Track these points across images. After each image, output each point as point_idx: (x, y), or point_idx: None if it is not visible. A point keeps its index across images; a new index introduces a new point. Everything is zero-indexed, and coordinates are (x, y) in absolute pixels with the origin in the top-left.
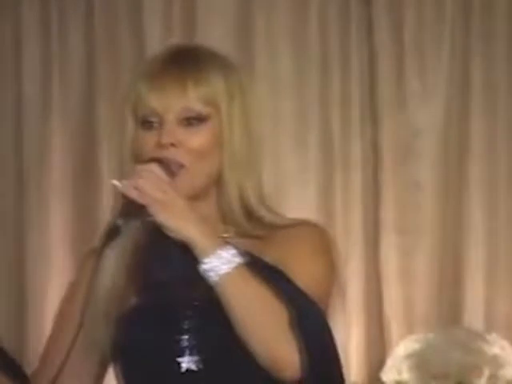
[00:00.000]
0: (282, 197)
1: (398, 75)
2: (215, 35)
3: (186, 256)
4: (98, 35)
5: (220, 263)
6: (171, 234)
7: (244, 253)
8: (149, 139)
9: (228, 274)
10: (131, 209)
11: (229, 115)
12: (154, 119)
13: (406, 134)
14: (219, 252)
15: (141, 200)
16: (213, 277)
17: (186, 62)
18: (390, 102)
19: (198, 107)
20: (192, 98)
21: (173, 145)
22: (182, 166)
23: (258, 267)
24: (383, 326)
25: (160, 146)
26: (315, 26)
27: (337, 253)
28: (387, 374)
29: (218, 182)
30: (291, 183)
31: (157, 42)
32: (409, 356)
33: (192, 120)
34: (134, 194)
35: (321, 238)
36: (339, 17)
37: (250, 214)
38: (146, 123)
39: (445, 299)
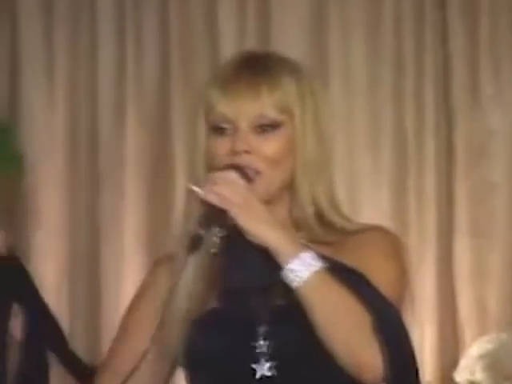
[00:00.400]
0: (355, 198)
1: (473, 77)
2: (289, 34)
3: (266, 261)
4: (172, 36)
5: (302, 267)
6: (251, 239)
7: (323, 256)
8: (222, 146)
9: (310, 278)
10: (211, 215)
11: (302, 121)
12: (226, 125)
13: (481, 135)
14: (301, 256)
15: (221, 205)
16: (295, 281)
17: (258, 67)
18: (464, 103)
19: (273, 114)
20: (266, 105)
21: (247, 152)
22: (257, 172)
23: (338, 270)
24: (456, 326)
25: (234, 152)
26: (389, 27)
27: (408, 258)
28: (460, 374)
29: (290, 187)
30: (364, 184)
31: (231, 42)
32: (482, 356)
33: (266, 127)
34: (214, 199)
35: (392, 244)
36: (414, 18)
37: (321, 219)
38: (218, 129)
39: None
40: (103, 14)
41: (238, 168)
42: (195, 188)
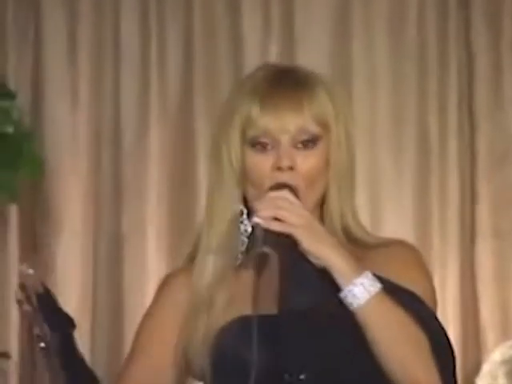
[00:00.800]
0: (377, 201)
1: (496, 79)
2: (313, 40)
3: (323, 282)
4: (196, 48)
5: (362, 289)
6: (314, 260)
7: (376, 275)
8: (263, 161)
9: (370, 300)
10: (275, 236)
11: (337, 135)
12: (267, 140)
13: (503, 138)
14: (361, 278)
15: (286, 231)
16: (355, 303)
17: (294, 81)
18: (487, 106)
19: (313, 128)
20: (307, 118)
21: (291, 168)
22: (298, 189)
23: (392, 290)
24: (479, 330)
25: (278, 169)
26: (413, 29)
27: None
28: (482, 380)
29: (321, 202)
30: (387, 187)
31: (255, 52)
32: (504, 362)
33: (306, 142)
34: (278, 227)
35: (419, 257)
36: (437, 20)
37: (349, 234)
38: (257, 144)
39: None
40: (127, 27)
41: (286, 186)
42: (258, 220)
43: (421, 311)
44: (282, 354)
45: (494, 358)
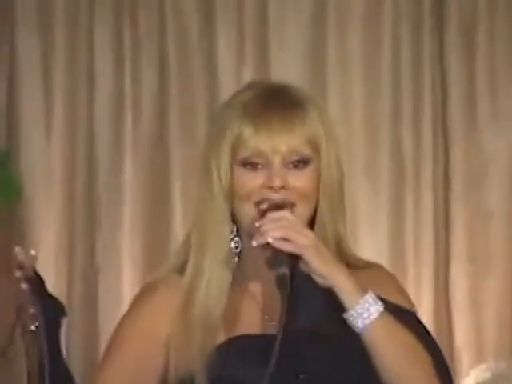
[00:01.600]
0: (352, 223)
1: (470, 100)
2: (287, 61)
3: (327, 303)
4: (170, 71)
5: (368, 310)
6: (320, 280)
7: (378, 296)
8: (253, 179)
9: (376, 320)
10: (286, 257)
11: (327, 158)
12: (259, 160)
13: (478, 159)
14: (365, 298)
15: (296, 251)
16: (361, 323)
17: (286, 101)
18: (461, 126)
19: (304, 149)
20: (299, 140)
21: (283, 187)
22: (292, 207)
23: (392, 310)
24: (453, 353)
25: (268, 187)
26: (387, 51)
27: None
28: None
29: (311, 222)
30: (362, 207)
31: (229, 72)
32: None
33: (298, 163)
34: (290, 247)
35: (399, 282)
36: (411, 40)
37: (341, 255)
38: (248, 164)
39: None
40: (101, 55)
41: (282, 206)
42: (270, 240)
43: (421, 330)
44: (279, 375)
45: (468, 381)
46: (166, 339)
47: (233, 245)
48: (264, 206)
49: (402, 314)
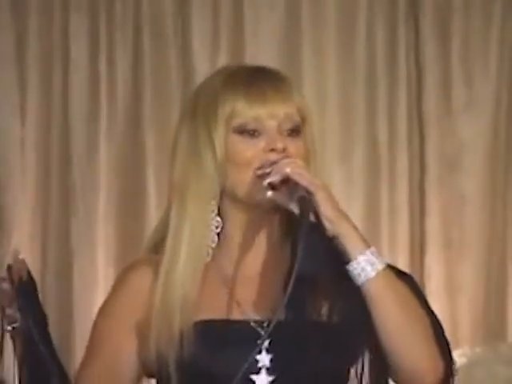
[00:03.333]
0: None
1: (445, 88)
2: (262, 49)
3: (331, 254)
4: (145, 57)
5: (372, 262)
6: (327, 226)
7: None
8: (253, 146)
9: (379, 273)
10: (300, 189)
11: (311, 134)
12: (256, 127)
13: (452, 146)
14: (371, 250)
15: (311, 188)
16: (364, 274)
17: (275, 75)
18: (436, 113)
19: (296, 117)
20: (293, 107)
21: (284, 150)
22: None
23: (395, 270)
24: None
25: (272, 150)
26: (362, 39)
27: None
28: None
29: None
30: (337, 195)
31: (204, 59)
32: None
33: (291, 131)
34: (305, 182)
35: None
36: (386, 30)
37: None
38: (245, 131)
39: (491, 313)
40: (76, 39)
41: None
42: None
43: (420, 294)
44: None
45: None
46: (144, 323)
47: (214, 224)
48: (266, 170)
49: (402, 275)
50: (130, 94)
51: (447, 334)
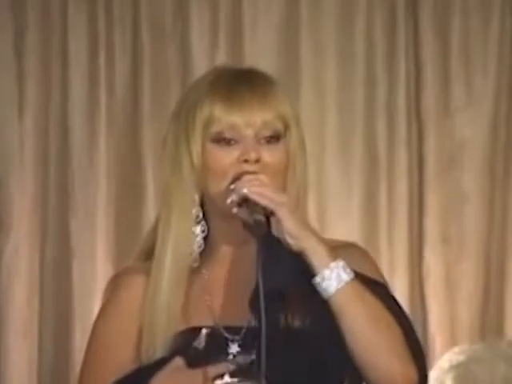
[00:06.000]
0: (325, 209)
1: (444, 85)
2: (261, 47)
3: (297, 266)
4: (144, 52)
5: (337, 275)
6: (291, 241)
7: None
8: (227, 155)
9: (345, 286)
10: (259, 209)
11: (297, 138)
12: (232, 135)
13: (452, 144)
14: (335, 263)
15: (271, 206)
16: (330, 287)
17: (256, 79)
18: (435, 112)
19: (276, 124)
20: (271, 114)
21: (257, 161)
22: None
23: (365, 281)
24: (427, 336)
25: (245, 161)
26: (361, 38)
27: None
28: None
29: None
30: (335, 194)
31: (203, 57)
32: (452, 368)
33: (270, 138)
34: (265, 201)
35: (373, 259)
36: (385, 28)
37: None
38: (222, 140)
39: (489, 311)
40: (75, 33)
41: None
42: (245, 191)
43: (391, 302)
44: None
45: (441, 364)
46: (138, 330)
47: (199, 229)
48: (231, 186)
49: (373, 285)
50: (129, 92)
51: (446, 331)
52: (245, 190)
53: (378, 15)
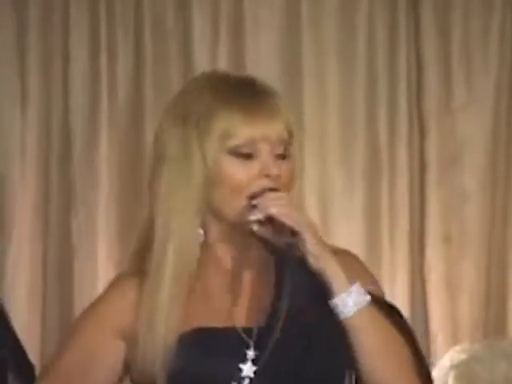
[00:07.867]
0: (327, 208)
1: (445, 84)
2: (262, 51)
3: (315, 288)
4: (146, 54)
5: (355, 299)
6: (313, 262)
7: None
8: (248, 169)
9: (361, 310)
10: (286, 230)
11: (299, 147)
12: (251, 150)
13: (453, 143)
14: (353, 287)
15: (297, 227)
16: (348, 312)
17: (263, 90)
18: (437, 111)
19: (285, 136)
20: (282, 126)
21: (279, 176)
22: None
23: (375, 301)
24: (429, 335)
25: (267, 176)
26: (363, 37)
27: None
28: None
29: None
30: (337, 194)
31: (205, 52)
32: (454, 367)
33: (282, 153)
34: (291, 222)
35: (365, 266)
36: (386, 27)
37: None
38: (240, 154)
39: (491, 310)
40: (76, 30)
41: (277, 190)
42: (274, 211)
43: (402, 323)
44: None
45: (443, 362)
46: (130, 333)
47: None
48: (253, 202)
49: (383, 306)
50: (131, 89)
51: (447, 330)
52: (273, 211)
53: (380, 14)
